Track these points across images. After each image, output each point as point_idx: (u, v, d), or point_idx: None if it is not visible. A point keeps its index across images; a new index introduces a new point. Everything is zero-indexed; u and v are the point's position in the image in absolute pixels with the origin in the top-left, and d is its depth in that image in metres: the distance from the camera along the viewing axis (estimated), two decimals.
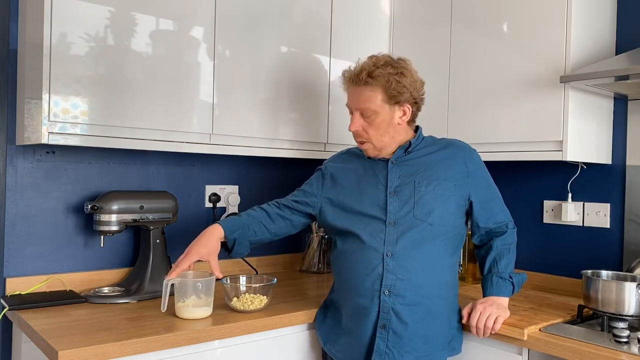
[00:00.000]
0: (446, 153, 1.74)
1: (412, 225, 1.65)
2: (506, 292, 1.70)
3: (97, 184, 2.04)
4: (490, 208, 1.74)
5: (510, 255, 1.74)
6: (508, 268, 1.72)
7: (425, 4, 2.35)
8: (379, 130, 1.69)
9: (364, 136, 1.72)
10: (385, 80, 1.65)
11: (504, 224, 1.76)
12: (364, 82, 1.67)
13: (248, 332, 1.67)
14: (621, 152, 2.07)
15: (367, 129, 1.70)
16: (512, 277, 1.71)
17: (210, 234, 1.72)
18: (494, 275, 1.71)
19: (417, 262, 1.64)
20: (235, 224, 1.76)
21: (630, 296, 1.66)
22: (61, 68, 1.65)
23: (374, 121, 1.69)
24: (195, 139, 1.94)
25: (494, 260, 1.72)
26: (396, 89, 1.66)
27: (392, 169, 1.72)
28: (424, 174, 1.69)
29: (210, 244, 1.70)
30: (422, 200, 1.66)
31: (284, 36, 2.16)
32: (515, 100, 2.03)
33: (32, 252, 1.91)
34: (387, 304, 1.63)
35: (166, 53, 1.85)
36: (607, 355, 1.45)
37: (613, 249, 2.08)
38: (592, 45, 1.98)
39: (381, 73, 1.65)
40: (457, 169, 1.71)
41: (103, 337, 1.46)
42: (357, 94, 1.70)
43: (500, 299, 1.70)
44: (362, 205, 1.71)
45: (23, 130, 1.79)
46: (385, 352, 1.63)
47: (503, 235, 1.75)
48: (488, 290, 1.72)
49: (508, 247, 1.74)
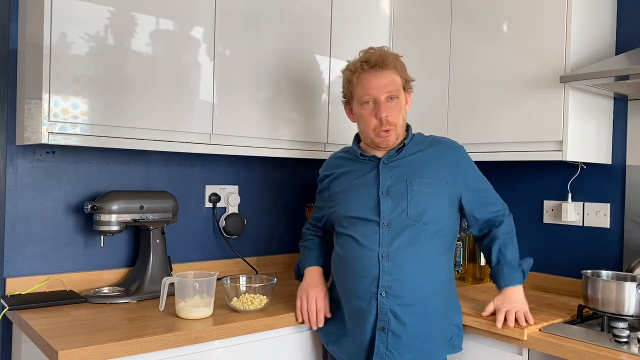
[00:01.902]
0: (435, 151, 1.74)
1: (406, 225, 1.64)
2: (518, 280, 1.71)
3: (97, 184, 2.04)
4: (485, 199, 1.77)
5: (514, 243, 1.76)
6: (515, 256, 1.74)
7: (425, 3, 2.35)
8: (400, 115, 1.70)
9: (393, 122, 1.67)
10: (402, 66, 1.72)
11: (500, 213, 1.78)
12: (391, 66, 1.68)
13: (248, 332, 1.67)
14: (621, 152, 2.07)
15: (393, 115, 1.67)
16: (520, 265, 1.73)
17: (312, 274, 1.81)
18: (505, 266, 1.72)
19: (412, 262, 1.63)
20: (316, 256, 1.86)
21: (630, 296, 1.66)
22: (61, 68, 1.65)
23: (397, 105, 1.69)
24: (195, 139, 1.94)
25: (499, 251, 1.73)
26: (407, 76, 1.74)
27: (384, 170, 1.71)
28: (415, 173, 1.69)
29: (320, 281, 1.80)
30: (415, 199, 1.65)
31: (284, 36, 2.16)
32: (515, 100, 2.03)
33: (32, 252, 1.91)
34: (384, 306, 1.63)
35: (166, 53, 1.85)
36: (607, 355, 1.45)
37: (613, 249, 2.08)
38: (592, 45, 1.98)
39: (397, 58, 1.72)
40: (448, 167, 1.71)
41: (103, 337, 1.46)
42: (383, 78, 1.67)
43: (515, 291, 1.70)
44: (355, 209, 1.71)
45: (23, 130, 1.79)
46: (386, 354, 1.63)
47: (502, 224, 1.76)
48: (502, 281, 1.72)
49: (510, 235, 1.75)
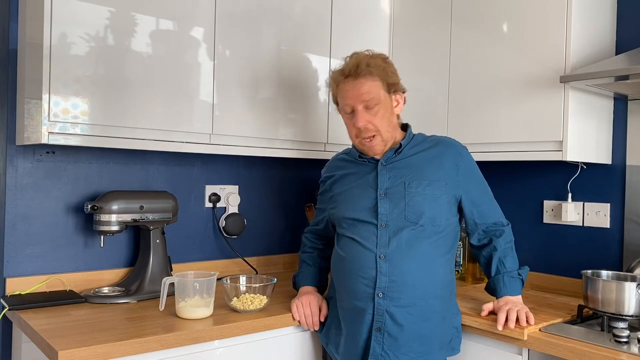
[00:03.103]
0: (436, 151, 1.72)
1: (403, 226, 1.64)
2: (518, 289, 1.72)
3: (97, 184, 2.04)
4: (485, 206, 1.76)
5: (513, 253, 1.76)
6: (515, 266, 1.74)
7: (425, 3, 2.35)
8: (384, 120, 1.68)
9: (373, 129, 1.68)
10: (382, 69, 1.68)
11: (500, 223, 1.78)
12: (364, 74, 1.65)
13: (248, 332, 1.67)
14: (621, 152, 2.07)
15: (374, 122, 1.67)
16: (520, 274, 1.73)
17: (306, 292, 1.84)
18: (505, 275, 1.72)
19: (410, 263, 1.62)
20: (312, 276, 1.90)
21: (630, 296, 1.66)
22: (61, 68, 1.65)
23: (378, 112, 1.67)
24: (195, 139, 1.94)
25: (499, 261, 1.73)
26: (391, 77, 1.70)
27: (382, 171, 1.70)
28: (414, 174, 1.68)
29: (313, 292, 1.85)
30: (413, 201, 1.65)
31: (284, 36, 2.16)
32: (516, 100, 2.03)
33: (32, 252, 1.91)
34: (381, 307, 1.62)
35: (166, 53, 1.85)
36: (607, 355, 1.45)
37: (613, 249, 2.08)
38: (592, 45, 1.98)
39: (376, 63, 1.68)
40: (448, 168, 1.69)
41: (103, 337, 1.46)
42: (358, 87, 1.66)
43: (515, 298, 1.70)
44: (354, 210, 1.71)
45: (23, 130, 1.79)
46: (381, 355, 1.63)
47: (503, 235, 1.76)
48: (502, 290, 1.71)
49: (510, 245, 1.76)
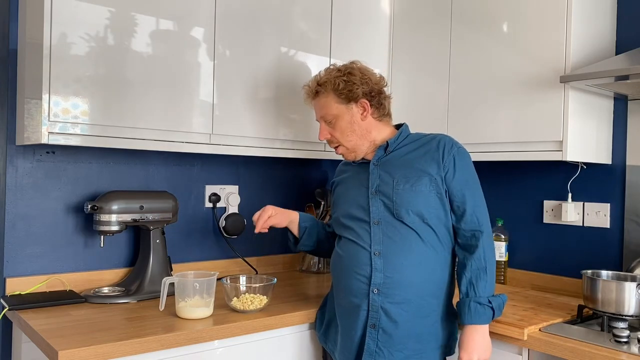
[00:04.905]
0: (428, 148, 1.70)
1: (394, 223, 1.65)
2: (485, 318, 1.57)
3: (97, 184, 2.04)
4: (465, 205, 1.64)
5: (488, 276, 1.59)
6: (486, 291, 1.58)
7: (425, 4, 2.34)
8: (345, 132, 1.75)
9: (334, 141, 1.79)
10: (332, 84, 1.75)
11: (477, 232, 1.62)
12: (315, 93, 1.79)
13: (248, 332, 1.67)
14: (621, 152, 2.07)
15: (333, 134, 1.78)
16: (491, 301, 1.57)
17: (288, 211, 1.88)
18: (472, 301, 1.57)
19: (405, 260, 1.62)
20: (308, 217, 1.91)
21: (630, 296, 1.66)
22: (61, 68, 1.65)
23: (336, 125, 1.76)
24: (195, 139, 1.94)
25: (469, 283, 1.59)
26: (345, 87, 1.73)
27: (374, 170, 1.72)
28: (403, 171, 1.68)
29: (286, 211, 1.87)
30: (401, 198, 1.64)
31: (284, 36, 2.16)
32: (515, 100, 2.03)
33: (32, 252, 1.91)
34: (376, 303, 1.63)
35: (166, 53, 1.85)
36: (607, 355, 1.45)
37: (613, 249, 2.08)
38: (592, 45, 1.98)
39: (327, 78, 1.76)
40: (434, 163, 1.66)
41: (103, 337, 1.46)
42: (316, 104, 1.81)
43: (479, 331, 1.57)
44: (350, 209, 1.74)
45: (23, 130, 1.79)
46: (376, 352, 1.63)
47: (476, 252, 1.60)
48: (465, 317, 1.57)
49: (484, 267, 1.59)
